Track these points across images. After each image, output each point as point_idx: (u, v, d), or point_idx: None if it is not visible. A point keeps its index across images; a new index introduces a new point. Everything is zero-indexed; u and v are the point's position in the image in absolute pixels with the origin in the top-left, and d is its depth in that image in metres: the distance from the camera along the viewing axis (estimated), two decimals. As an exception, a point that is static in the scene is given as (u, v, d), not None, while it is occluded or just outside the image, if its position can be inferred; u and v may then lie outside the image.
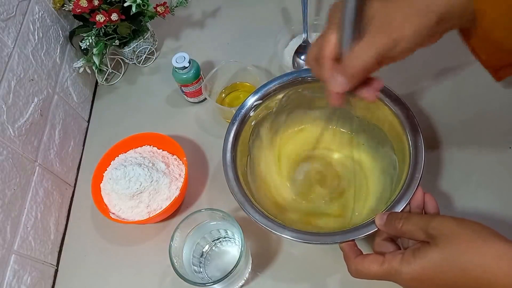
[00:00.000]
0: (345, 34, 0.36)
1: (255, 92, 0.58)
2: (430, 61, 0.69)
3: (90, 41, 0.71)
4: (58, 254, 0.65)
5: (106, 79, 0.83)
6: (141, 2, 0.72)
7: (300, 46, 0.74)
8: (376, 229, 0.44)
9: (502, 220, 0.53)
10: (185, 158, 0.63)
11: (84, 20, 0.75)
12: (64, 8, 0.74)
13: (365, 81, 0.39)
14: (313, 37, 0.75)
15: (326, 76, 0.39)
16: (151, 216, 0.60)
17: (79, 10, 0.70)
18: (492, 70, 0.42)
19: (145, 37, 0.80)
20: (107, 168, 0.65)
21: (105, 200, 0.63)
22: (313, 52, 0.40)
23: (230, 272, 0.45)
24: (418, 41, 0.35)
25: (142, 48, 0.81)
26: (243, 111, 0.57)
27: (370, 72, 0.37)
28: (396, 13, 0.35)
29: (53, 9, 0.73)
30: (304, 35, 0.73)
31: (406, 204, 0.45)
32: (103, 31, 0.73)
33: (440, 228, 0.36)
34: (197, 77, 0.71)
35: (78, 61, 0.75)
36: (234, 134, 0.55)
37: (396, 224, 0.40)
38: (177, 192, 0.61)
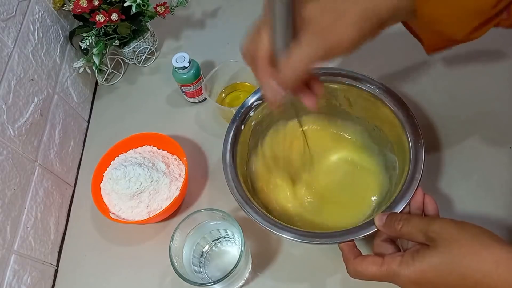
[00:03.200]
0: (278, 35, 0.34)
1: (255, 92, 0.58)
2: (429, 60, 0.69)
3: (90, 41, 0.71)
4: (58, 254, 0.65)
5: (106, 79, 0.83)
6: (141, 2, 0.72)
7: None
8: (376, 229, 0.44)
9: (502, 220, 0.53)
10: (185, 158, 0.63)
11: (84, 20, 0.75)
12: (64, 8, 0.74)
13: (307, 81, 0.38)
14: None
15: (260, 80, 0.37)
16: (151, 216, 0.60)
17: (79, 10, 0.70)
18: (427, 47, 0.41)
19: (145, 37, 0.80)
20: (107, 168, 0.65)
21: (105, 200, 0.63)
22: (247, 46, 0.38)
23: (230, 272, 0.45)
24: (357, 43, 0.34)
25: (142, 48, 0.81)
26: (243, 111, 0.57)
27: (306, 76, 0.36)
28: (337, 20, 0.33)
29: (53, 9, 0.73)
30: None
31: (406, 205, 0.45)
32: (103, 31, 0.73)
33: (440, 231, 0.36)
34: (197, 77, 0.71)
35: (78, 61, 0.75)
36: (234, 134, 0.55)
37: (396, 226, 0.40)
38: (177, 192, 0.61)
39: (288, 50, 0.34)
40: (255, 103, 0.57)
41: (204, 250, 0.55)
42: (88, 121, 0.80)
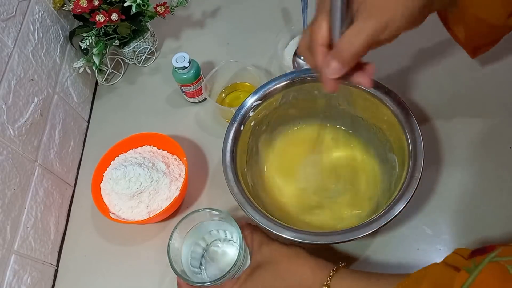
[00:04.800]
0: (336, 19, 0.36)
1: (255, 92, 0.58)
2: (429, 60, 0.69)
3: (90, 41, 0.71)
4: (58, 254, 0.65)
5: (106, 79, 0.83)
6: (141, 2, 0.72)
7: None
8: (376, 229, 0.44)
9: (502, 220, 0.53)
10: (185, 158, 0.63)
11: (84, 20, 0.75)
12: (64, 8, 0.74)
13: (357, 66, 0.39)
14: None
15: (319, 63, 0.38)
16: (151, 216, 0.60)
17: (79, 10, 0.70)
18: (468, 49, 0.43)
19: (145, 37, 0.80)
20: (107, 168, 0.65)
21: (105, 200, 0.63)
22: (305, 40, 0.40)
23: (228, 272, 0.45)
24: (408, 23, 0.35)
25: (142, 48, 0.81)
26: (243, 111, 0.57)
27: (361, 56, 0.37)
28: None
29: (53, 9, 0.73)
30: (304, 35, 0.73)
31: (406, 205, 0.45)
32: (103, 31, 0.73)
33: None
34: (197, 77, 0.71)
35: (78, 61, 0.75)
36: (234, 134, 0.55)
37: None
38: (177, 192, 0.61)
39: (343, 31, 0.36)
40: (255, 103, 0.57)
41: (203, 250, 0.55)
42: (88, 121, 0.80)
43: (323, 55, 0.38)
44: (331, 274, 0.43)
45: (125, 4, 0.72)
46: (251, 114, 0.57)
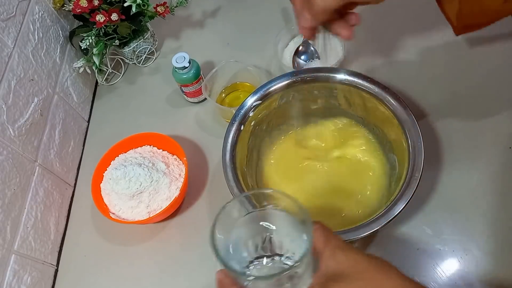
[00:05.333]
0: None
1: (255, 92, 0.58)
2: (429, 60, 0.69)
3: (90, 41, 0.71)
4: (58, 254, 0.65)
5: (106, 79, 0.83)
6: (141, 2, 0.72)
7: (300, 46, 0.74)
8: (376, 229, 0.44)
9: (502, 221, 0.53)
10: (185, 158, 0.63)
11: (84, 20, 0.75)
12: (64, 8, 0.74)
13: (342, 15, 0.40)
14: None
15: (296, 10, 0.41)
16: (151, 216, 0.60)
17: (79, 10, 0.70)
18: (455, 26, 0.43)
19: (145, 37, 0.80)
20: (107, 168, 0.65)
21: (105, 200, 0.63)
22: None
23: (291, 267, 0.33)
24: None
25: (142, 48, 0.81)
26: (243, 111, 0.57)
27: (335, 11, 0.38)
28: None
29: (53, 9, 0.73)
30: (304, 35, 0.73)
31: (406, 205, 0.45)
32: (103, 31, 0.73)
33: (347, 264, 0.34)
34: (197, 77, 0.71)
35: (78, 61, 0.75)
36: (234, 134, 0.55)
37: None
38: (177, 192, 0.61)
39: None
40: (254, 103, 0.57)
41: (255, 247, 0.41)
42: (88, 121, 0.80)
43: (300, 3, 0.40)
44: None
45: (125, 4, 0.72)
46: (251, 114, 0.57)
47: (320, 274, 0.35)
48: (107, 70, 0.82)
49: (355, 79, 0.55)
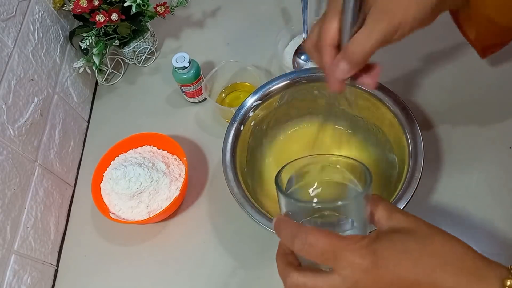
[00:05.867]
0: (347, 20, 0.35)
1: (255, 92, 0.58)
2: (429, 60, 0.69)
3: (90, 41, 0.71)
4: (58, 254, 0.65)
5: (106, 79, 0.83)
6: (141, 2, 0.72)
7: (300, 46, 0.74)
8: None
9: (502, 220, 0.53)
10: (185, 158, 0.63)
11: (84, 20, 0.75)
12: (64, 8, 0.74)
13: (364, 67, 0.39)
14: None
15: (327, 63, 0.38)
16: (151, 216, 0.60)
17: (79, 10, 0.70)
18: (478, 49, 0.43)
19: (145, 37, 0.80)
20: (107, 168, 0.65)
21: (105, 200, 0.63)
22: (313, 39, 0.40)
23: (354, 197, 0.34)
24: (420, 23, 0.35)
25: (142, 48, 0.81)
26: (243, 111, 0.57)
27: (370, 57, 0.37)
28: None
29: (53, 9, 0.73)
30: (304, 35, 0.73)
31: (406, 205, 0.45)
32: (103, 31, 0.73)
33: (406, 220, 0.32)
34: (197, 77, 0.71)
35: (78, 61, 0.75)
36: (234, 134, 0.55)
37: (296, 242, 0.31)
38: (177, 192, 0.61)
39: (354, 32, 0.36)
40: (254, 103, 0.57)
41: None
42: (88, 121, 0.80)
43: (331, 56, 0.38)
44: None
45: (125, 4, 0.72)
46: (251, 114, 0.57)
47: (378, 231, 0.33)
48: (107, 70, 0.82)
49: (355, 79, 0.55)
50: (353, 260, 0.29)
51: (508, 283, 0.28)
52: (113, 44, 0.76)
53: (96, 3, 0.70)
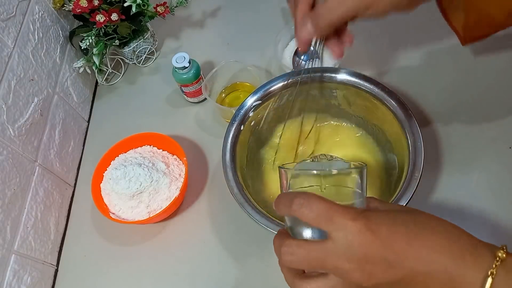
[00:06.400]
0: None
1: (255, 92, 0.58)
2: (429, 60, 0.69)
3: (90, 41, 0.71)
4: (58, 254, 0.65)
5: (106, 79, 0.83)
6: (141, 2, 0.72)
7: (300, 46, 0.74)
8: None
9: (502, 220, 0.53)
10: (185, 158, 0.63)
11: (84, 20, 0.75)
12: (64, 8, 0.74)
13: (337, 32, 0.39)
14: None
15: (297, 19, 0.39)
16: (151, 216, 0.60)
17: (79, 10, 0.70)
18: (461, 36, 0.43)
19: (145, 37, 0.80)
20: (107, 168, 0.65)
21: (105, 200, 0.63)
22: None
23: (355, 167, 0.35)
24: (395, 7, 0.35)
25: (142, 48, 0.81)
26: (243, 111, 0.57)
27: (340, 26, 0.37)
28: None
29: (53, 9, 0.73)
30: (304, 35, 0.73)
31: (406, 204, 0.45)
32: (103, 31, 0.73)
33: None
34: (197, 77, 0.71)
35: (78, 61, 0.75)
36: (234, 134, 0.55)
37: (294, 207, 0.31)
38: (177, 192, 0.61)
39: None
40: (254, 103, 0.57)
41: None
42: (88, 121, 0.80)
43: (303, 10, 0.38)
44: (497, 260, 0.29)
45: (125, 4, 0.72)
46: (251, 114, 0.57)
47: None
48: (107, 70, 0.82)
49: (355, 79, 0.55)
50: (346, 223, 0.29)
51: (499, 254, 0.29)
52: (113, 44, 0.76)
53: (96, 3, 0.70)
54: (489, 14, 0.37)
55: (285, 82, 0.57)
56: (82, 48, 0.73)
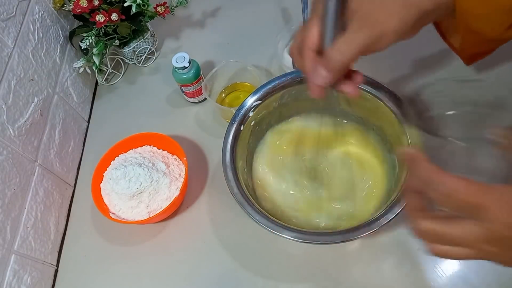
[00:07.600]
0: (328, 26, 0.36)
1: (255, 92, 0.58)
2: (429, 61, 0.69)
3: (90, 41, 0.71)
4: (58, 254, 0.65)
5: (106, 79, 0.83)
6: (141, 2, 0.72)
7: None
8: (376, 229, 0.44)
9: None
10: (185, 158, 0.63)
11: (84, 20, 0.75)
12: (64, 8, 0.74)
13: (346, 73, 0.39)
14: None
15: (307, 68, 0.38)
16: (151, 216, 0.60)
17: (79, 10, 0.70)
18: (462, 57, 0.43)
19: (145, 37, 0.80)
20: (107, 168, 0.65)
21: (105, 200, 0.63)
22: (296, 43, 0.40)
23: None
24: (401, 36, 0.35)
25: (142, 48, 0.81)
26: (243, 111, 0.57)
27: (350, 65, 0.37)
28: (381, 7, 0.34)
29: (53, 9, 0.73)
30: (304, 35, 0.73)
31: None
32: (103, 31, 0.73)
33: None
34: (197, 77, 0.71)
35: (78, 61, 0.75)
36: (233, 134, 0.55)
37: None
38: (177, 192, 0.61)
39: (335, 39, 0.36)
40: (254, 103, 0.57)
41: None
42: (88, 121, 0.80)
43: (311, 60, 0.38)
44: None
45: (125, 4, 0.72)
46: (251, 114, 0.57)
47: None
48: (107, 70, 0.82)
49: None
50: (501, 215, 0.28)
51: None
52: (113, 44, 0.76)
53: (96, 3, 0.70)
54: (481, 32, 0.37)
55: (285, 82, 0.57)
56: (82, 48, 0.73)
